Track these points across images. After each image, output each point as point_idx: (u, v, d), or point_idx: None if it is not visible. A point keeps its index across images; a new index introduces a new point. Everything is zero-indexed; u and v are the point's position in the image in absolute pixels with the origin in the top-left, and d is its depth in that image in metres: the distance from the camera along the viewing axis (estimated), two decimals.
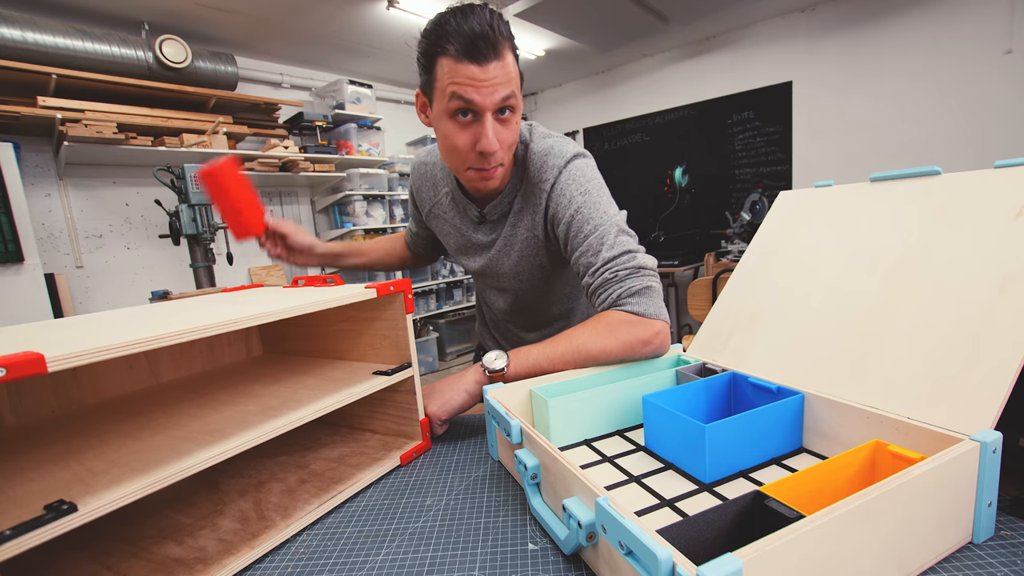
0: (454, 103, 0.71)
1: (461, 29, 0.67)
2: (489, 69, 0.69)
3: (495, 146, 0.73)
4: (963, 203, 0.54)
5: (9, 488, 0.40)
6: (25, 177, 2.32)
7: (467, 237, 0.95)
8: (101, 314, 0.63)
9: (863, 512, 0.33)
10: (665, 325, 0.74)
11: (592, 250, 0.76)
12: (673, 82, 3.92)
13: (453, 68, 0.69)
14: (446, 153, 0.79)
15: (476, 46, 0.67)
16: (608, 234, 0.76)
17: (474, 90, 0.69)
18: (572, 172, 0.80)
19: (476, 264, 0.97)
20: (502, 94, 0.71)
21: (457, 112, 0.72)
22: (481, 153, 0.74)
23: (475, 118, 0.72)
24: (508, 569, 0.43)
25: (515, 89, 0.73)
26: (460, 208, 0.93)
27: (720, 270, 2.45)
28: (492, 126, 0.72)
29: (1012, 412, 0.44)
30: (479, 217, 0.91)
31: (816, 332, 0.60)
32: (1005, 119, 2.69)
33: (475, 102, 0.70)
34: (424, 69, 0.75)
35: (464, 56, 0.68)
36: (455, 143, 0.75)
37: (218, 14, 2.58)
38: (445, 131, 0.75)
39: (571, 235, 0.78)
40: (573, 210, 0.77)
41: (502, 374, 0.70)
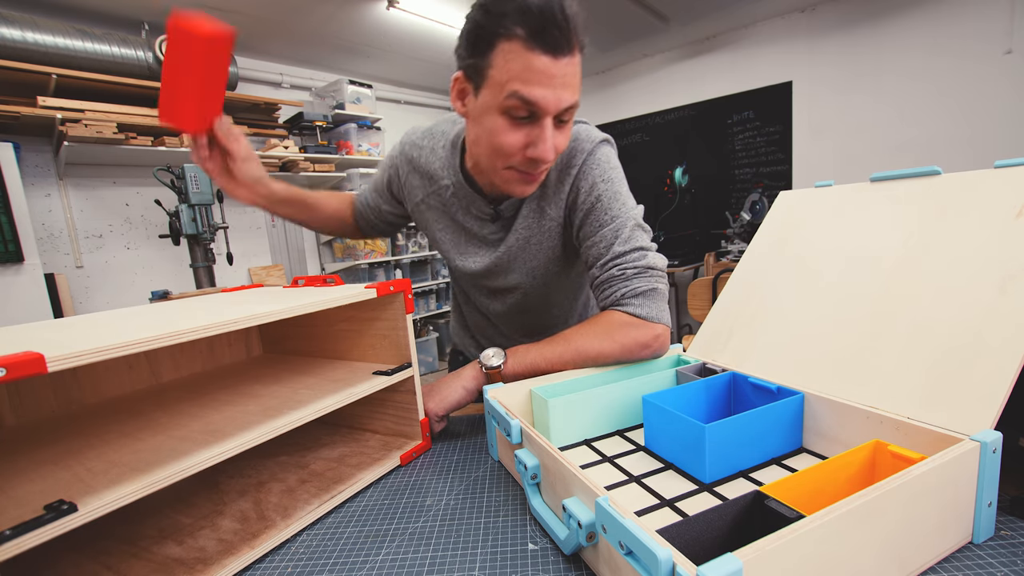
0: (512, 102, 0.60)
1: (532, 7, 0.56)
2: (562, 65, 0.59)
3: (552, 156, 0.65)
4: (963, 203, 0.54)
5: (9, 488, 0.40)
6: (25, 177, 2.32)
7: (470, 233, 0.86)
8: (101, 314, 0.63)
9: (863, 512, 0.33)
10: (665, 329, 0.73)
11: (605, 242, 0.74)
12: (673, 82, 3.92)
13: (521, 57, 0.58)
14: (486, 149, 0.68)
15: (551, 33, 0.57)
16: (624, 227, 0.74)
17: (541, 89, 0.59)
18: (598, 157, 0.77)
19: (476, 264, 0.88)
20: (569, 100, 0.62)
21: (513, 110, 0.62)
22: (532, 159, 0.65)
23: (533, 119, 0.63)
24: (508, 569, 0.43)
25: (577, 102, 0.64)
26: (464, 203, 0.84)
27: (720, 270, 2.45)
28: (550, 132, 0.63)
29: (1012, 412, 0.44)
30: (492, 214, 0.82)
31: (816, 332, 0.60)
32: (1005, 119, 2.69)
33: (538, 104, 0.60)
34: (474, 49, 0.62)
35: (535, 42, 0.57)
36: (502, 142, 0.65)
37: (218, 14, 2.57)
38: (492, 126, 0.65)
39: (587, 222, 0.76)
40: (594, 197, 0.75)
41: (499, 371, 0.70)
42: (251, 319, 0.48)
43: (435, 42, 3.18)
